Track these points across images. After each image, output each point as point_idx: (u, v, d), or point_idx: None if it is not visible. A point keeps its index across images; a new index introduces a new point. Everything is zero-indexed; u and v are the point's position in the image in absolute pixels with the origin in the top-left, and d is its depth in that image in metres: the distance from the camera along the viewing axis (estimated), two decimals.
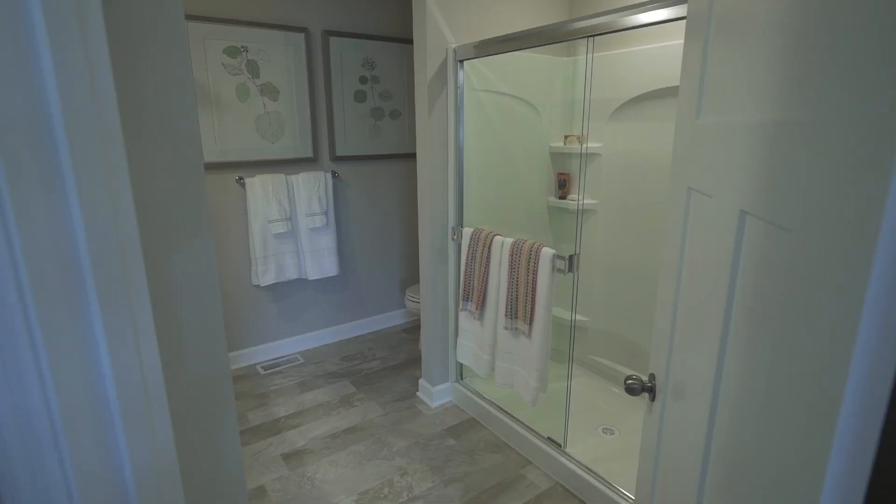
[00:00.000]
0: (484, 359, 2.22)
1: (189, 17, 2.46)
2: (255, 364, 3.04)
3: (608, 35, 2.42)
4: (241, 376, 2.90)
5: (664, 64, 2.18)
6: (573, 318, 2.01)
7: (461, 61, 2.19)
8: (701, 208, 0.82)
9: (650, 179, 2.34)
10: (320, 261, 3.06)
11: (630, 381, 1.06)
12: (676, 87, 2.14)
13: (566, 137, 2.64)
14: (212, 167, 2.68)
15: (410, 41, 3.19)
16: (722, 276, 0.71)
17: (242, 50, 2.65)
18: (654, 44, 2.23)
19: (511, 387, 2.12)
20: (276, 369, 2.99)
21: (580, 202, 2.43)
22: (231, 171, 2.75)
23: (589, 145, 2.54)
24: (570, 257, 1.82)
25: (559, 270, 1.85)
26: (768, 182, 0.59)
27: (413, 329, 3.55)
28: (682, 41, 2.07)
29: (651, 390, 1.06)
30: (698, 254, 0.83)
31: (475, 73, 2.31)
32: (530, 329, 1.95)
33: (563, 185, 2.71)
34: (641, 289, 2.46)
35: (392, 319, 3.60)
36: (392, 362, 3.08)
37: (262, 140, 2.80)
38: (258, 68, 2.71)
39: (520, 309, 1.99)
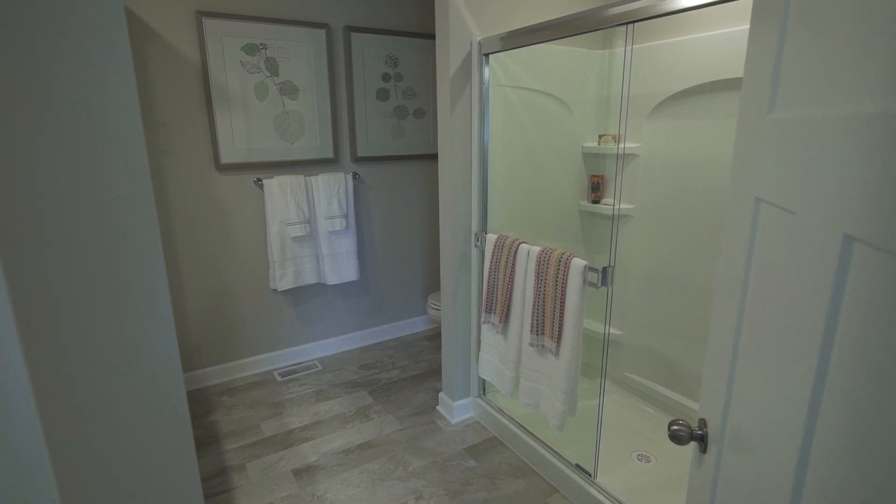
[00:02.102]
0: (507, 376, 2.06)
1: (206, 14, 2.39)
2: (273, 370, 2.97)
3: (649, 23, 2.22)
4: (258, 383, 2.83)
5: (712, 55, 1.97)
6: (606, 332, 1.83)
7: (486, 55, 2.04)
8: (777, 225, 0.64)
9: (694, 183, 2.13)
10: (340, 265, 2.96)
11: (676, 428, 0.89)
12: (726, 80, 1.93)
13: (600, 137, 2.45)
14: (229, 168, 2.61)
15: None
16: (815, 310, 0.54)
17: (261, 47, 2.56)
18: (701, 33, 2.02)
19: (536, 408, 1.95)
20: (293, 376, 2.90)
21: (616, 207, 2.24)
22: (249, 173, 2.68)
23: (626, 145, 2.34)
24: (604, 269, 1.65)
25: (591, 284, 1.67)
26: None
27: (435, 337, 3.41)
28: (734, 29, 1.86)
29: (702, 439, 0.88)
30: (775, 279, 0.65)
31: (501, 67, 2.15)
32: (558, 347, 1.78)
33: (596, 189, 2.52)
34: (682, 302, 2.25)
35: (414, 326, 3.48)
36: (412, 372, 2.95)
37: (281, 140, 2.72)
38: (277, 66, 2.62)
39: (546, 325, 1.82)
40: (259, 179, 2.69)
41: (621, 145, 2.19)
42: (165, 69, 2.37)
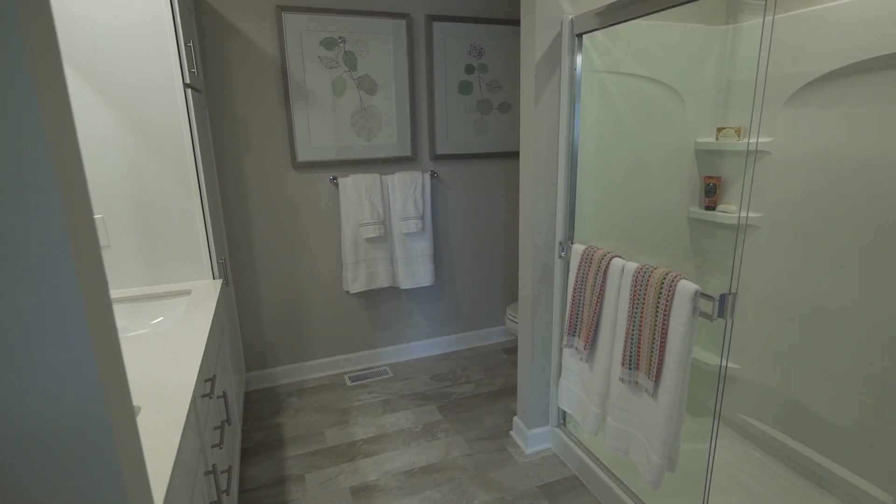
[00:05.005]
0: (592, 412, 1.76)
1: (285, 9, 2.34)
2: (344, 373, 2.90)
3: None
4: (328, 385, 2.77)
5: (884, 21, 1.51)
6: (723, 367, 1.47)
7: (579, 35, 1.74)
8: None
9: (847, 187, 1.67)
10: (414, 269, 2.81)
11: None
12: None
13: (719, 130, 2.04)
14: (305, 166, 2.56)
15: None
16: None
17: (340, 41, 2.47)
18: None
19: (626, 455, 1.63)
20: (362, 381, 2.80)
21: (743, 216, 1.83)
22: (325, 171, 2.61)
23: (757, 140, 1.91)
24: (722, 297, 1.30)
25: (704, 315, 1.32)
26: None
27: (514, 350, 3.15)
28: None
29: None
30: None
31: (597, 49, 1.84)
32: (656, 388, 1.45)
33: (711, 193, 2.11)
34: (821, 335, 1.79)
35: (491, 336, 3.24)
36: (486, 388, 2.72)
37: (357, 138, 2.62)
38: (355, 60, 2.52)
39: (643, 358, 1.49)
40: (335, 178, 2.62)
41: (754, 140, 1.78)
42: (246, 66, 2.36)
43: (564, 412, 2.15)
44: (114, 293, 1.78)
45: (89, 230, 0.48)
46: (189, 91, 1.76)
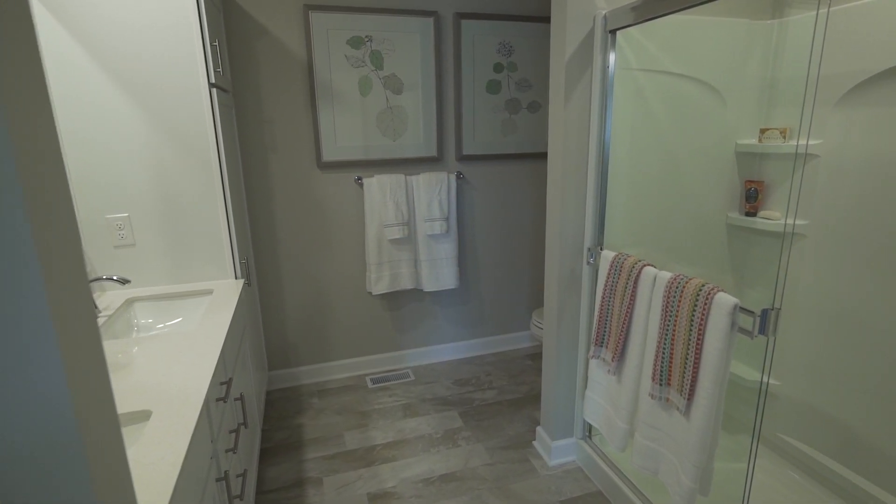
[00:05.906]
0: (619, 427, 1.68)
1: (313, 8, 2.32)
2: (365, 374, 2.87)
3: None
4: (349, 387, 2.75)
5: None
6: (764, 383, 1.37)
7: (613, 31, 1.66)
8: None
9: None
10: (438, 271, 2.76)
11: None
12: None
13: (762, 132, 1.92)
14: (331, 166, 2.54)
15: None
16: None
17: (367, 40, 2.44)
18: None
19: (655, 474, 1.54)
20: (384, 384, 2.77)
21: (788, 223, 1.72)
22: (350, 171, 2.59)
23: (807, 142, 1.79)
24: (764, 312, 1.20)
25: (743, 331, 1.23)
26: None
27: (539, 356, 3.07)
28: None
29: None
30: None
31: (632, 46, 1.75)
32: (688, 406, 1.37)
33: (752, 198, 1.98)
34: (873, 352, 1.66)
35: (516, 341, 3.17)
36: (510, 395, 2.65)
37: (383, 137, 2.59)
38: (382, 59, 2.48)
39: (674, 374, 1.41)
40: (359, 178, 2.59)
41: (804, 142, 1.66)
42: (273, 65, 2.36)
43: (590, 425, 2.07)
44: (137, 291, 1.79)
45: (66, 224, 0.44)
46: (214, 90, 1.76)
